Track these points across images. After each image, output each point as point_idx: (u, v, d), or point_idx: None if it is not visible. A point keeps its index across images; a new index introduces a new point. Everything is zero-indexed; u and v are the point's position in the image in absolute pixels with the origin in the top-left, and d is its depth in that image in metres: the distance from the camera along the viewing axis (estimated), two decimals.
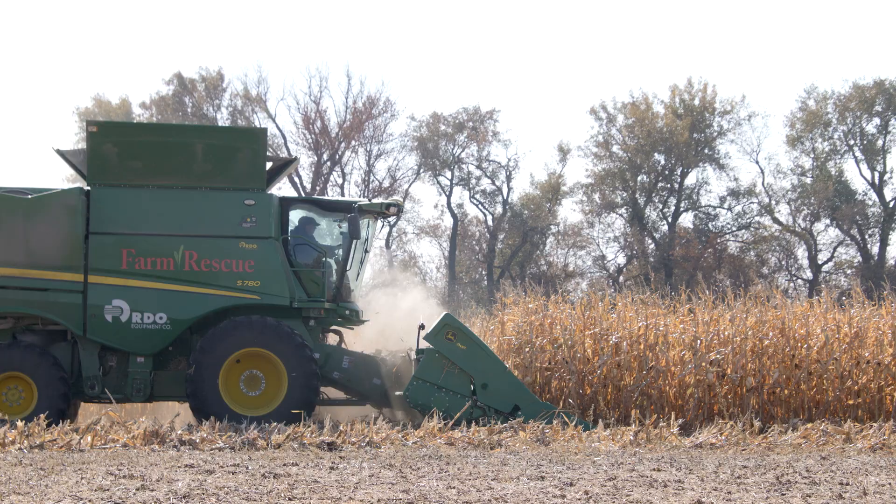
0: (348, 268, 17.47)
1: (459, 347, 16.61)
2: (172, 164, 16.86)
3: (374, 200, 17.77)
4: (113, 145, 16.82)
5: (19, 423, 14.03)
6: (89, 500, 8.78)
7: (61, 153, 17.86)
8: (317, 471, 10.89)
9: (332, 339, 18.26)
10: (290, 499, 9.05)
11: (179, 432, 13.73)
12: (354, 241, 17.39)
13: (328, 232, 17.91)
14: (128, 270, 16.45)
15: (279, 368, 16.53)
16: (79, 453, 12.51)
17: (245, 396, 16.57)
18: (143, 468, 10.89)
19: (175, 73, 56.11)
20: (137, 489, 9.39)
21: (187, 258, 16.59)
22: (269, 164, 17.35)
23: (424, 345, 16.76)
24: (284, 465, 11.33)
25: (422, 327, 16.86)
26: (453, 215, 56.87)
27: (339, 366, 17.33)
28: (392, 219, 18.71)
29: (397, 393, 17.14)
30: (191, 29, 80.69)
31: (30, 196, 16.48)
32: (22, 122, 78.06)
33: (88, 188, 16.74)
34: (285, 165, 18.52)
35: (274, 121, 55.35)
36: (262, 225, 16.75)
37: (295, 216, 17.51)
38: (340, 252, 17.57)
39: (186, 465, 11.16)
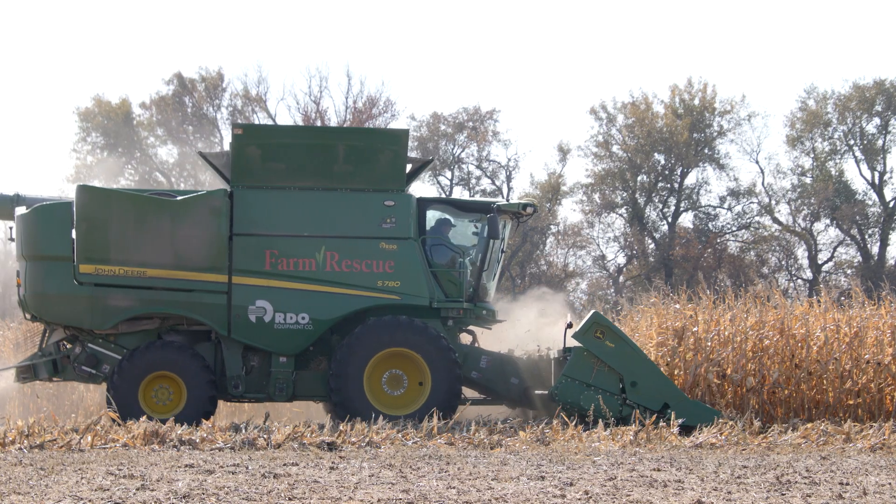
0: (485, 268, 17.53)
1: (608, 345, 16.54)
2: (315, 166, 16.99)
3: (512, 201, 17.91)
4: (257, 147, 16.98)
5: (19, 423, 14.04)
6: (89, 500, 8.78)
7: (203, 155, 18.21)
8: (317, 471, 10.89)
9: (464, 338, 18.23)
10: (290, 499, 9.05)
11: (179, 432, 13.74)
12: (492, 242, 17.48)
13: (463, 232, 17.98)
14: (271, 271, 16.63)
15: (423, 369, 16.65)
16: (79, 453, 12.51)
17: (387, 395, 16.74)
18: (143, 468, 10.88)
19: (175, 73, 55.92)
20: (137, 489, 9.39)
21: (329, 259, 16.75)
22: (408, 166, 17.46)
23: (572, 343, 16.70)
24: (284, 465, 11.33)
25: (570, 326, 16.82)
26: None
27: (477, 365, 17.41)
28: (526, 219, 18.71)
29: (538, 391, 17.14)
30: (191, 29, 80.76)
31: (177, 198, 16.57)
32: (22, 122, 78.07)
33: (231, 190, 16.83)
34: (423, 166, 18.77)
35: (274, 121, 55.28)
36: (402, 226, 16.90)
37: (431, 216, 17.60)
38: (475, 252, 17.61)
39: (186, 465, 11.16)
